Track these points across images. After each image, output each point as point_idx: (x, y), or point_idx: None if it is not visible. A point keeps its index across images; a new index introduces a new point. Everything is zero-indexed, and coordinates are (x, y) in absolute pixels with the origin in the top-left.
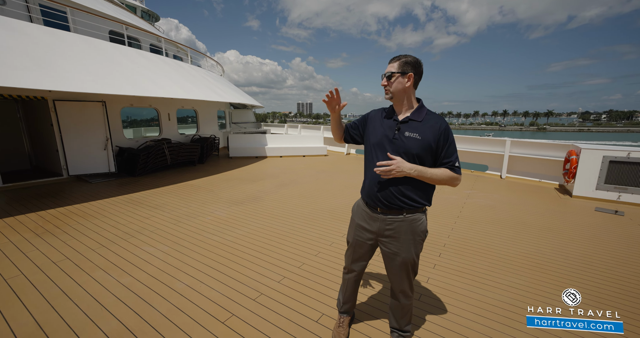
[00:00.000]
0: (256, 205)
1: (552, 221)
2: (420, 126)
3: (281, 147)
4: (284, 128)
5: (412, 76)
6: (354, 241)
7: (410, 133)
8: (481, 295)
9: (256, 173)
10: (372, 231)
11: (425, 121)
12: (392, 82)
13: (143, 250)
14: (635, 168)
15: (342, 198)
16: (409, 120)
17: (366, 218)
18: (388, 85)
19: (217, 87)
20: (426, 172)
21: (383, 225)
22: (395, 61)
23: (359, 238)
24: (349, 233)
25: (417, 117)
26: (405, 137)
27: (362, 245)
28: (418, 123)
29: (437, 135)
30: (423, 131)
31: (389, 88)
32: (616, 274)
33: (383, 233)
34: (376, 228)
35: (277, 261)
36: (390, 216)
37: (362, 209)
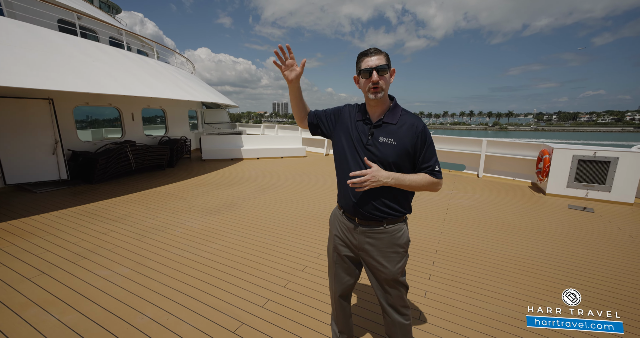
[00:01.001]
0: (233, 213)
1: (534, 221)
2: (396, 130)
3: (258, 148)
4: (261, 128)
5: (394, 70)
6: (334, 256)
7: (384, 138)
8: (480, 308)
9: (232, 177)
10: (351, 244)
11: (401, 123)
12: (385, 77)
13: (97, 275)
14: (600, 166)
15: (326, 203)
16: (382, 123)
17: (344, 230)
18: (381, 80)
19: (188, 85)
20: (404, 179)
21: (362, 237)
22: (379, 53)
23: (338, 252)
24: (329, 248)
25: (391, 120)
26: (379, 143)
27: (342, 259)
28: (393, 126)
29: (414, 138)
30: (399, 136)
31: (382, 85)
32: (602, 274)
33: (363, 246)
34: (355, 241)
35: (259, 281)
36: (370, 227)
37: (338, 219)
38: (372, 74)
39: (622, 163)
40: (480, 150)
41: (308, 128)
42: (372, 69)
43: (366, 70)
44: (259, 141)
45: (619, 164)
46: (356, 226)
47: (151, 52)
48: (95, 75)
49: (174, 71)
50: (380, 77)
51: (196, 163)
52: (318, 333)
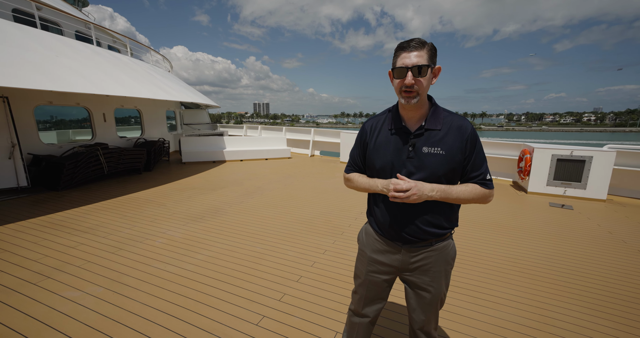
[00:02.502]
0: (219, 220)
1: (522, 220)
2: (442, 137)
3: (241, 150)
4: (243, 129)
5: (440, 68)
6: (367, 280)
7: (429, 149)
8: (484, 314)
9: (215, 180)
10: (392, 265)
11: (446, 128)
12: (422, 80)
13: (63, 298)
14: (576, 165)
15: (317, 206)
16: (425, 131)
17: (382, 251)
18: (417, 84)
19: (166, 84)
20: (451, 192)
21: (407, 258)
22: (420, 47)
23: (374, 276)
24: (359, 269)
25: (435, 126)
26: (424, 155)
27: (378, 283)
28: (437, 132)
29: (464, 143)
30: (446, 143)
31: (418, 88)
32: (593, 273)
33: (408, 267)
34: (398, 263)
35: (251, 295)
36: (417, 247)
37: (374, 238)
38: (407, 75)
39: (595, 161)
40: None
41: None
42: (407, 68)
43: (400, 68)
44: (242, 142)
45: (593, 162)
46: (400, 247)
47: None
48: (60, 71)
49: (150, 69)
50: (417, 79)
51: (176, 166)
52: None
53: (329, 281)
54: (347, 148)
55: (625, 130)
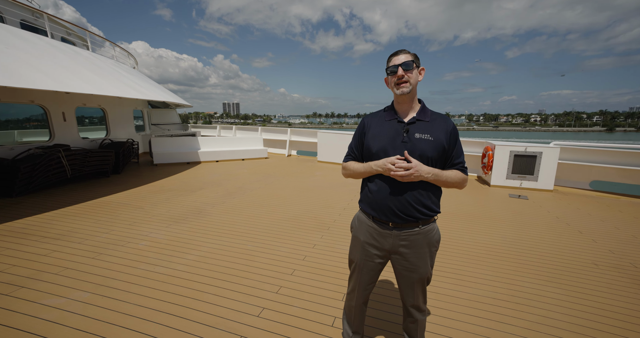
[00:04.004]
0: (203, 221)
1: (488, 210)
2: (430, 126)
3: (217, 150)
4: (216, 129)
5: (424, 69)
6: (362, 263)
7: (420, 134)
8: (466, 293)
9: (193, 182)
10: (383, 248)
11: (433, 121)
12: (411, 73)
13: (47, 306)
14: (530, 159)
15: (300, 204)
16: (416, 121)
17: (374, 235)
18: (405, 75)
19: (134, 82)
20: (442, 175)
21: (397, 240)
22: (405, 53)
23: (368, 259)
24: (353, 254)
25: (424, 117)
26: (415, 139)
27: (371, 266)
28: (426, 123)
29: (447, 134)
30: (434, 131)
31: (408, 79)
32: (546, 251)
33: (397, 250)
34: (389, 245)
35: (249, 289)
36: (405, 230)
37: (367, 225)
38: (398, 70)
39: (544, 156)
40: None
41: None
42: (397, 66)
43: (392, 68)
44: (217, 142)
45: (542, 158)
46: (390, 230)
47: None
48: (12, 65)
49: (113, 64)
50: (406, 72)
51: (147, 168)
52: (325, 336)
53: (321, 273)
54: (325, 148)
55: (563, 130)
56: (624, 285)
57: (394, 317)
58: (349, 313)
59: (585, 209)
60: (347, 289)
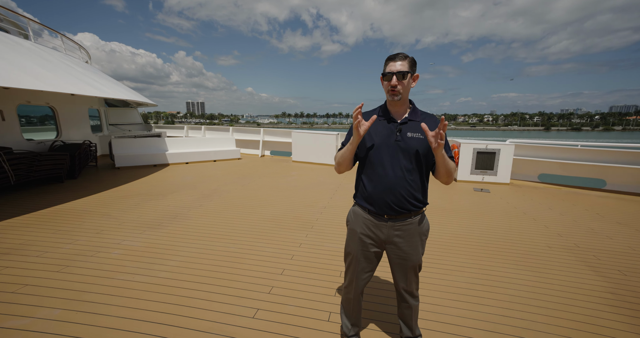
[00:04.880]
0: (181, 225)
1: (456, 203)
2: (420, 125)
3: (187, 152)
4: (184, 130)
5: (418, 76)
6: (359, 254)
7: (412, 134)
8: (445, 280)
9: (164, 185)
10: (379, 239)
11: (423, 120)
12: (404, 83)
13: (8, 329)
14: (490, 156)
15: (280, 204)
16: (408, 121)
17: (370, 227)
18: (399, 85)
19: (90, 77)
20: (446, 159)
21: (391, 231)
22: (403, 59)
23: (365, 249)
24: (350, 246)
25: (415, 117)
26: (408, 138)
27: (368, 256)
28: (417, 123)
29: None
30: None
31: (400, 89)
32: (509, 237)
33: (392, 240)
34: (384, 236)
35: (240, 292)
36: (399, 221)
37: (363, 217)
38: (392, 79)
39: (502, 153)
40: None
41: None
42: (392, 74)
43: (388, 74)
44: (186, 143)
45: (500, 154)
46: (385, 222)
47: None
48: None
49: (64, 58)
50: (399, 82)
51: (108, 172)
52: (323, 331)
53: (311, 271)
54: (299, 147)
55: (511, 129)
56: (572, 263)
57: (388, 308)
58: (347, 306)
59: (536, 199)
60: (344, 283)
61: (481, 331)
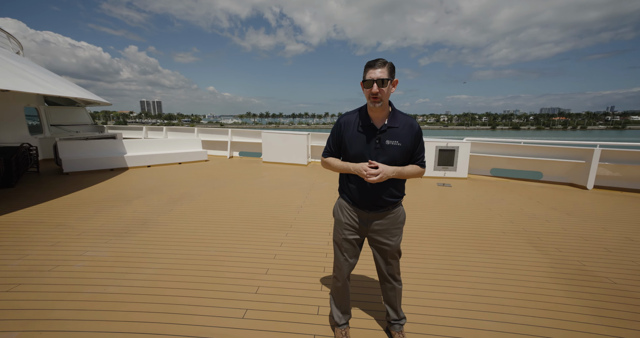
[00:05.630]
0: (152, 231)
1: (423, 197)
2: (399, 132)
3: (149, 154)
4: (142, 131)
5: (397, 81)
6: (344, 242)
7: (390, 141)
8: (418, 269)
9: (125, 190)
10: (362, 228)
11: (402, 125)
12: (384, 90)
13: None
14: (450, 153)
15: (256, 205)
16: (387, 128)
17: (354, 218)
18: (380, 92)
19: (25, 71)
20: (403, 171)
21: (371, 220)
22: (382, 66)
23: (351, 236)
24: (337, 236)
25: (394, 124)
26: (386, 146)
27: (352, 242)
28: (396, 129)
29: (413, 137)
30: (402, 137)
31: (381, 96)
32: (468, 225)
33: (373, 229)
34: (366, 226)
35: (226, 294)
36: (379, 212)
37: (347, 209)
38: (373, 86)
39: (460, 150)
40: None
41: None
42: (373, 81)
43: (368, 81)
44: (147, 145)
45: (459, 151)
46: (367, 214)
47: None
48: None
49: None
50: (380, 89)
51: (54, 178)
52: (314, 324)
53: (295, 268)
54: (270, 148)
55: (463, 128)
56: (521, 245)
57: (374, 298)
58: (337, 295)
59: (490, 191)
60: (333, 273)
61: (455, 310)
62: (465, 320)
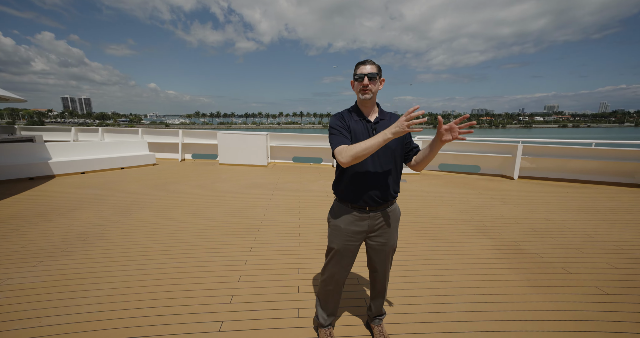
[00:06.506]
0: (99, 247)
1: None
2: (390, 124)
3: (82, 159)
4: (71, 133)
5: (384, 80)
6: (344, 248)
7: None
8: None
9: (54, 202)
10: (362, 231)
11: (390, 119)
12: (374, 83)
13: None
14: None
15: (218, 210)
16: (379, 120)
17: (354, 221)
18: (369, 85)
19: None
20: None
21: (373, 221)
22: (372, 64)
23: (350, 243)
24: (334, 242)
25: (385, 117)
26: None
27: (352, 249)
28: (387, 121)
29: None
30: None
31: (371, 88)
32: (426, 216)
33: (373, 229)
34: (366, 227)
35: (198, 307)
36: (379, 211)
37: (346, 212)
38: (364, 79)
39: None
40: None
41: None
42: (364, 75)
43: (360, 75)
44: (79, 149)
45: None
46: (367, 214)
47: None
48: None
49: None
50: (370, 82)
51: None
52: (296, 328)
53: (269, 273)
54: (226, 149)
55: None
56: (471, 231)
57: (354, 294)
58: (325, 298)
59: (440, 185)
60: (321, 277)
61: (425, 297)
62: (435, 305)
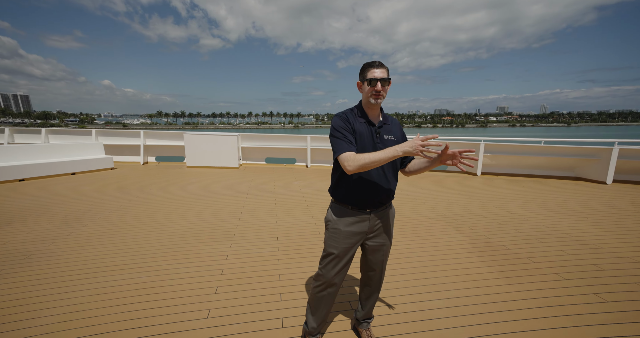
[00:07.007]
0: (42, 266)
1: None
2: (392, 128)
3: (20, 165)
4: (4, 134)
5: (391, 82)
6: (344, 251)
7: (388, 136)
8: None
9: None
10: (362, 232)
11: (392, 123)
12: (386, 88)
13: None
14: None
15: (190, 216)
16: (383, 124)
17: (354, 222)
18: (382, 90)
19: None
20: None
21: (372, 222)
22: (383, 67)
23: (350, 245)
24: (333, 246)
25: (387, 121)
26: (385, 139)
27: (351, 251)
28: (389, 126)
29: (402, 133)
30: (395, 132)
31: (383, 93)
32: (407, 215)
33: (372, 229)
34: (367, 227)
35: (170, 326)
36: (379, 211)
37: (347, 215)
38: (377, 84)
39: None
40: (306, 145)
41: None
42: (377, 80)
43: (373, 80)
44: (17, 153)
45: None
46: (367, 215)
47: None
48: None
49: None
50: (383, 87)
51: None
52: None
53: (248, 281)
54: (195, 151)
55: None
56: (444, 227)
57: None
58: (318, 304)
59: (413, 183)
60: (315, 282)
61: (407, 296)
62: (418, 304)
